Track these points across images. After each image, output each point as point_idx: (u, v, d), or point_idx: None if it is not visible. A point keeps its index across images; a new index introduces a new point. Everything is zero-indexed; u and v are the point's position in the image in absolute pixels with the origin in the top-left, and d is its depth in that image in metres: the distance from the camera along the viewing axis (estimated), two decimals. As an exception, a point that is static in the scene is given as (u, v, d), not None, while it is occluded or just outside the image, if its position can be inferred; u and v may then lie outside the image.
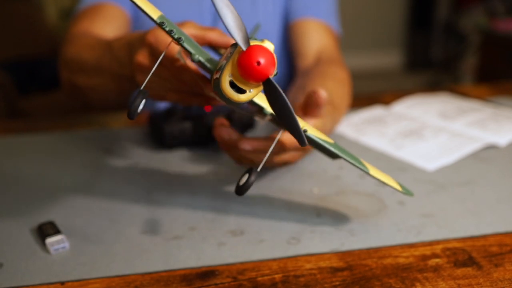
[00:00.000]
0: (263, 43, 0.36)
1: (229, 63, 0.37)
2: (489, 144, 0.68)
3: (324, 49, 0.83)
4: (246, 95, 0.38)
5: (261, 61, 0.35)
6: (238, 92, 0.37)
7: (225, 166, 0.64)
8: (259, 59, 0.34)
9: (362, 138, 0.73)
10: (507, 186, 0.57)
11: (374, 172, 0.48)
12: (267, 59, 0.35)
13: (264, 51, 0.35)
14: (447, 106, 0.84)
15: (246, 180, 0.39)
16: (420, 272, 0.42)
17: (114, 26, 0.80)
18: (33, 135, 0.78)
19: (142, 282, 0.42)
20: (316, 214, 0.52)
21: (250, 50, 0.35)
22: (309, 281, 0.41)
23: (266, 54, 0.35)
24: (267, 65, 0.35)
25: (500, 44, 2.45)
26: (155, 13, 0.43)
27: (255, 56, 0.34)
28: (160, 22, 0.42)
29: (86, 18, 0.80)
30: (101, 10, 0.81)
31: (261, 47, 0.35)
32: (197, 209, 0.53)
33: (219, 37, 0.53)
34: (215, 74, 0.39)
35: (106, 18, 0.80)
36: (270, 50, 0.36)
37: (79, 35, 0.77)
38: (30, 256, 0.46)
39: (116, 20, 0.81)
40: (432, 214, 0.51)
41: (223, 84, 0.37)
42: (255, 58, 0.34)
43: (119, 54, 0.59)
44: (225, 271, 0.43)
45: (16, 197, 0.57)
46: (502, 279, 0.41)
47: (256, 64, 0.34)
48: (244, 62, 0.35)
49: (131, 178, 0.62)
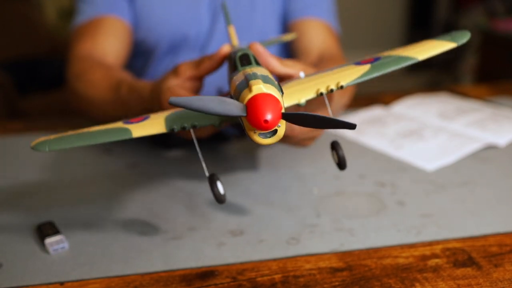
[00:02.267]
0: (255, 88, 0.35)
1: (244, 124, 0.36)
2: (489, 144, 0.68)
3: (326, 47, 0.84)
4: (280, 131, 0.37)
5: (268, 119, 0.34)
6: (273, 135, 0.37)
7: (225, 166, 0.64)
8: (265, 119, 0.34)
9: (362, 138, 0.73)
10: (506, 186, 0.57)
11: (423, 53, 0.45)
12: (272, 112, 0.34)
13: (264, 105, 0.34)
14: (447, 106, 0.84)
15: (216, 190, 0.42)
16: (420, 272, 0.42)
17: (116, 39, 0.81)
18: (33, 135, 0.78)
19: (141, 282, 0.42)
20: (316, 214, 0.52)
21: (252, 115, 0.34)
22: (309, 281, 0.41)
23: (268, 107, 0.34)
24: (274, 118, 0.34)
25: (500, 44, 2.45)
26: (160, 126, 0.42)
27: (260, 119, 0.34)
28: (170, 130, 0.42)
29: (88, 36, 0.81)
30: (101, 25, 0.81)
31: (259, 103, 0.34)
32: (196, 209, 0.53)
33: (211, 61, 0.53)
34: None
35: (107, 33, 0.81)
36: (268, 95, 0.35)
37: (84, 59, 0.77)
38: (29, 256, 0.46)
39: (117, 33, 0.82)
40: (431, 214, 0.51)
41: (256, 139, 0.37)
42: (260, 121, 0.34)
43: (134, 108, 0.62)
44: (225, 271, 0.43)
45: (15, 197, 0.57)
46: (501, 279, 0.41)
47: (264, 123, 0.34)
48: (254, 124, 0.34)
49: (130, 178, 0.61)
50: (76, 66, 0.77)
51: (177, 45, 0.84)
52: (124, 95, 0.64)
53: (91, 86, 0.72)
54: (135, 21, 0.85)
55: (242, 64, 0.43)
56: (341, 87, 0.42)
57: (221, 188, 0.43)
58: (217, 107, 0.34)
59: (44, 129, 0.80)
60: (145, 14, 0.84)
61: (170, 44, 0.84)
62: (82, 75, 0.75)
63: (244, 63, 0.43)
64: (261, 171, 0.62)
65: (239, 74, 0.41)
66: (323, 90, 0.42)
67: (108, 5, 0.82)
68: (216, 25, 0.84)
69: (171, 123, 0.42)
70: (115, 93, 0.66)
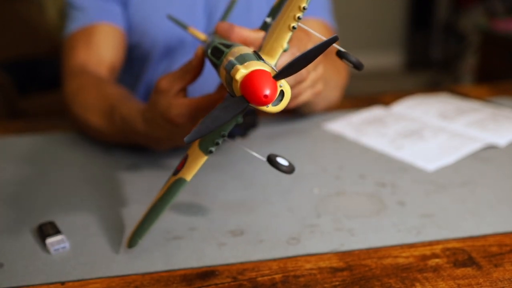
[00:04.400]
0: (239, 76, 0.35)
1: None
2: (489, 144, 0.68)
3: None
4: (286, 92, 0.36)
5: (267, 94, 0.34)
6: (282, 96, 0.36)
7: (226, 166, 0.64)
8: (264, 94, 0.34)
9: (362, 138, 0.73)
10: (507, 186, 0.57)
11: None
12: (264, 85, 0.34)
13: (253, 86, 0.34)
14: (447, 107, 0.84)
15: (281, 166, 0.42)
16: (420, 272, 0.42)
17: (110, 47, 0.81)
18: (33, 135, 0.78)
19: (142, 282, 0.42)
20: (316, 214, 0.52)
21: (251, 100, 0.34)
22: (309, 281, 0.42)
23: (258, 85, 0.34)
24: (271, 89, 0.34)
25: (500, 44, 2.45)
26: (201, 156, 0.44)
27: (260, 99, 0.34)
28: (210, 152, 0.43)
29: (82, 46, 0.80)
30: (94, 32, 0.80)
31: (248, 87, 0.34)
32: (197, 209, 0.53)
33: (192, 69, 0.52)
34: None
35: (101, 42, 0.80)
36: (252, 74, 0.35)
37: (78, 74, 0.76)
38: (30, 256, 0.46)
39: (111, 41, 0.81)
40: (432, 214, 0.51)
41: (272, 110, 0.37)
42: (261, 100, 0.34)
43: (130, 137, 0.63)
44: (225, 271, 0.43)
45: (16, 197, 0.57)
46: (501, 279, 0.41)
47: (265, 98, 0.34)
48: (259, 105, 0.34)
49: (131, 178, 0.62)
50: (71, 84, 0.76)
51: (173, 49, 0.84)
52: (118, 124, 0.64)
53: (85, 109, 0.70)
54: (130, 25, 0.84)
55: (217, 58, 0.43)
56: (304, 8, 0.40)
57: (284, 162, 0.43)
58: (226, 115, 0.34)
59: (45, 129, 0.80)
60: (140, 18, 0.83)
61: (165, 48, 0.84)
62: (76, 94, 0.73)
63: (218, 56, 0.44)
64: (261, 170, 0.62)
65: (221, 69, 0.42)
66: (293, 24, 0.41)
67: (100, 12, 0.81)
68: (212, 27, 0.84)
69: (207, 147, 0.43)
70: (109, 120, 0.65)
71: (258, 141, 0.73)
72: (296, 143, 0.71)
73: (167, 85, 0.53)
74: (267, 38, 0.45)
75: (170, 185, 0.45)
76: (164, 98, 0.53)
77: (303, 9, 0.40)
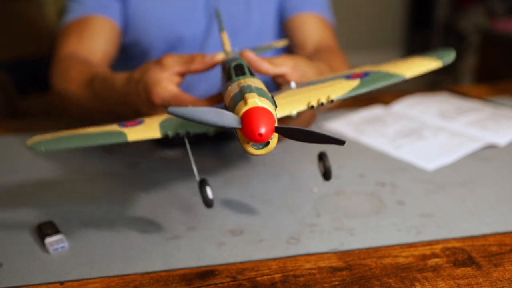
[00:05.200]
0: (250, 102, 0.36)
1: (238, 135, 0.38)
2: (489, 144, 0.68)
3: (322, 39, 0.86)
4: (272, 143, 0.38)
5: (262, 132, 0.35)
6: (266, 146, 0.38)
7: (225, 166, 0.64)
8: (259, 132, 0.35)
9: (362, 137, 0.73)
10: (506, 186, 0.57)
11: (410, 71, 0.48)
12: (266, 125, 0.35)
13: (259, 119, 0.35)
14: (447, 106, 0.84)
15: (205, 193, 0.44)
16: (420, 272, 0.42)
17: (102, 40, 0.80)
18: (33, 135, 0.77)
19: (141, 281, 0.42)
20: (316, 214, 0.52)
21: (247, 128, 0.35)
22: (309, 281, 0.41)
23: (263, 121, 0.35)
24: (268, 131, 0.35)
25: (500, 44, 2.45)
26: (155, 132, 0.43)
27: (255, 132, 0.35)
28: (165, 135, 0.43)
29: (74, 35, 0.80)
30: (88, 24, 0.80)
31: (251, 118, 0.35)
32: (196, 209, 0.53)
33: (202, 65, 0.54)
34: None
35: (94, 33, 0.80)
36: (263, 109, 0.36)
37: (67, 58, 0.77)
38: (29, 256, 0.46)
39: (105, 33, 0.81)
40: (431, 214, 0.51)
41: (249, 150, 0.38)
42: (255, 134, 0.35)
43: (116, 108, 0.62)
44: (225, 270, 0.43)
45: (15, 197, 0.57)
46: (501, 279, 0.41)
47: (259, 136, 0.35)
48: (249, 137, 0.35)
49: (130, 177, 0.62)
50: (58, 65, 0.77)
51: (173, 46, 0.84)
52: (97, 88, 0.63)
53: (67, 82, 0.71)
54: (131, 22, 0.84)
55: (236, 74, 0.44)
56: (331, 101, 0.44)
57: (210, 193, 0.45)
58: (214, 118, 0.35)
59: (45, 129, 0.80)
60: (140, 15, 0.83)
61: (165, 45, 0.84)
62: (62, 72, 0.74)
63: (238, 73, 0.45)
64: (261, 170, 0.62)
65: (233, 84, 0.42)
66: (314, 103, 0.44)
67: (98, 5, 0.81)
68: (213, 26, 0.84)
69: (166, 129, 0.43)
70: (89, 87, 0.65)
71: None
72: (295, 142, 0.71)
73: (171, 62, 0.54)
74: (283, 94, 0.47)
75: (109, 130, 0.43)
76: (159, 71, 0.53)
77: (331, 101, 0.44)
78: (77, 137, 0.41)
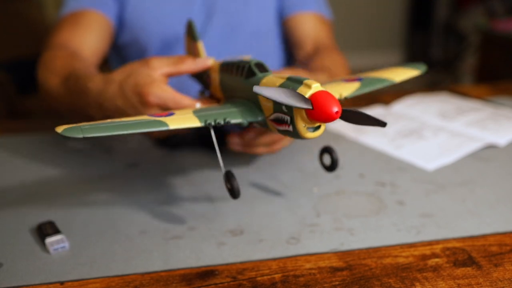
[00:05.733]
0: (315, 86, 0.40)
1: (298, 119, 0.41)
2: (489, 143, 0.68)
3: (320, 37, 0.87)
4: (323, 126, 0.43)
5: (337, 110, 0.39)
6: (316, 130, 0.42)
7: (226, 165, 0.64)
8: (335, 110, 0.39)
9: (362, 137, 0.73)
10: (506, 186, 0.57)
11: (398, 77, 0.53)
12: (338, 104, 0.39)
13: (329, 98, 0.39)
14: (447, 106, 0.84)
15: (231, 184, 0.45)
16: (420, 272, 0.42)
17: (95, 34, 0.80)
18: (33, 135, 0.78)
19: (141, 281, 0.42)
20: (316, 214, 0.52)
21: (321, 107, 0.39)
22: (309, 280, 0.41)
23: (332, 99, 0.39)
24: (340, 109, 0.39)
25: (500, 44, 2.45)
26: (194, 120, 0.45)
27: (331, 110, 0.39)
28: (207, 124, 0.45)
29: (68, 27, 0.80)
30: (83, 17, 0.80)
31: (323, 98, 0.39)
32: (196, 209, 0.53)
33: (192, 66, 0.55)
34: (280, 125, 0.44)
35: (87, 27, 0.80)
36: (328, 92, 0.40)
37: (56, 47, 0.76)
38: (29, 256, 0.46)
39: (97, 28, 0.81)
40: (431, 214, 0.51)
41: (305, 133, 0.42)
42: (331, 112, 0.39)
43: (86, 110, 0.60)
44: (225, 270, 0.43)
45: (15, 197, 0.57)
46: (501, 279, 0.41)
47: (335, 114, 0.39)
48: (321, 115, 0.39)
49: (131, 177, 0.62)
50: (46, 53, 0.76)
51: (170, 44, 0.84)
52: (70, 85, 0.62)
53: (50, 72, 0.70)
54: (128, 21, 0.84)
55: (260, 71, 0.48)
56: (345, 98, 0.49)
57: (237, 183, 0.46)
58: (289, 99, 0.39)
59: (45, 129, 0.80)
60: (138, 14, 0.84)
61: (162, 43, 0.84)
62: (47, 61, 0.74)
63: (261, 70, 0.49)
64: (261, 170, 0.62)
65: (268, 77, 0.46)
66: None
67: (94, 1, 0.82)
68: (210, 23, 0.84)
69: (205, 118, 0.45)
70: (65, 83, 0.64)
71: (258, 140, 0.73)
72: (295, 142, 0.71)
73: (158, 63, 0.54)
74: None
75: (149, 120, 0.44)
76: (149, 71, 0.53)
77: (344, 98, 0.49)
78: (117, 125, 0.42)
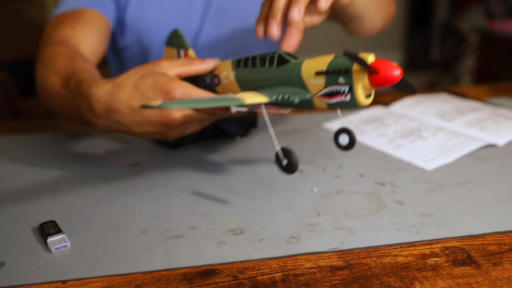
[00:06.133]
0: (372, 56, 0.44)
1: (359, 86, 0.45)
2: (488, 143, 0.69)
3: None
4: (372, 95, 0.47)
5: (400, 72, 0.43)
6: (369, 97, 0.47)
7: (226, 166, 0.64)
8: (398, 72, 0.43)
9: (362, 137, 0.73)
10: (505, 185, 0.58)
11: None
12: (398, 66, 0.43)
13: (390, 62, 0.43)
14: (446, 106, 0.85)
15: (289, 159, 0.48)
16: (419, 271, 0.43)
17: (94, 33, 0.79)
18: (34, 135, 0.78)
19: (143, 280, 0.42)
20: (316, 213, 0.52)
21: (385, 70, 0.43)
22: (309, 280, 0.42)
23: (392, 63, 0.43)
24: (401, 70, 0.43)
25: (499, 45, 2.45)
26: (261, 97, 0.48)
27: (394, 72, 0.43)
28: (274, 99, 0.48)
29: (67, 24, 0.78)
30: (82, 15, 0.79)
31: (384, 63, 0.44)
32: (197, 208, 0.54)
33: (202, 66, 0.56)
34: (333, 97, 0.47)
35: (87, 25, 0.79)
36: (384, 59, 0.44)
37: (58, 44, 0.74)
38: (31, 255, 0.46)
39: (97, 27, 0.80)
40: (431, 214, 0.52)
41: (363, 100, 0.46)
42: (394, 73, 0.43)
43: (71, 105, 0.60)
44: (225, 270, 0.43)
45: (17, 196, 0.57)
46: (500, 278, 0.41)
47: (400, 74, 0.43)
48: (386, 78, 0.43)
49: (132, 177, 0.62)
50: (46, 50, 0.73)
51: None
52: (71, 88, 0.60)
53: (50, 69, 0.67)
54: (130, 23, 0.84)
55: (292, 58, 0.51)
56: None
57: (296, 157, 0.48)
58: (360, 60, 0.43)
59: (45, 129, 0.81)
60: (140, 15, 0.84)
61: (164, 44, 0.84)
62: (48, 58, 0.70)
63: (292, 57, 0.51)
64: (261, 170, 0.63)
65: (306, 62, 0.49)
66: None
67: (94, 1, 0.81)
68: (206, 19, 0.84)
69: (270, 95, 0.48)
70: (66, 84, 0.62)
71: (258, 140, 0.73)
72: (295, 142, 0.72)
73: (168, 65, 0.54)
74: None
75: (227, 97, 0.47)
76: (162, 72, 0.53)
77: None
78: (203, 100, 0.46)
